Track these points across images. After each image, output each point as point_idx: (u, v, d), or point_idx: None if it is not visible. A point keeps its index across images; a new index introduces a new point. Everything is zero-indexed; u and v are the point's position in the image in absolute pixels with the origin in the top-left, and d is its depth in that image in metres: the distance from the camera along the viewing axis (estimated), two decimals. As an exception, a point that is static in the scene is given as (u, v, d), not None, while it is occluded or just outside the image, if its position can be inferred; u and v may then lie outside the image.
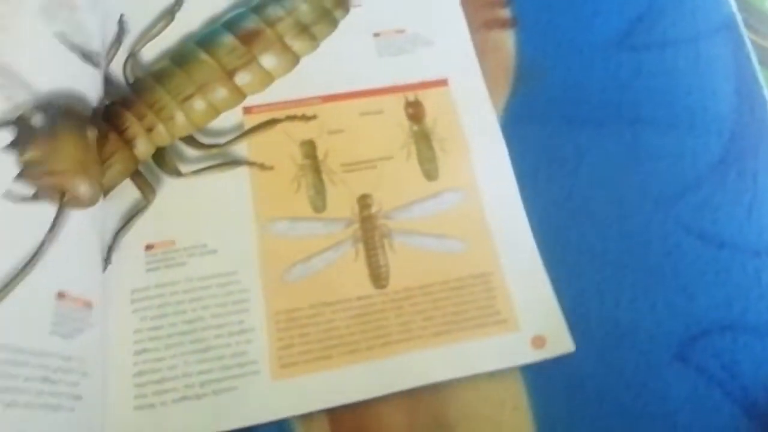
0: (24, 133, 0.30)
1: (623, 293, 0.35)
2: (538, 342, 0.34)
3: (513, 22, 0.43)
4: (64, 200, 0.30)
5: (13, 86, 0.31)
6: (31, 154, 0.30)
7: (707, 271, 0.36)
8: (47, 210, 0.30)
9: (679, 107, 0.40)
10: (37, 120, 0.30)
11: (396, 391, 0.33)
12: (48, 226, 0.30)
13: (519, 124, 0.40)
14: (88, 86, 0.36)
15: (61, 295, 0.30)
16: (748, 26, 0.56)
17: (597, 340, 0.34)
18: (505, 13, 0.44)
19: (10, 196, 0.29)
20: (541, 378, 0.34)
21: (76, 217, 0.32)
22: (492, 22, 0.43)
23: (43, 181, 0.30)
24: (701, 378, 0.33)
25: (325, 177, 0.38)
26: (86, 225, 0.33)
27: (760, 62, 0.42)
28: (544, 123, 0.40)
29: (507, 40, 0.43)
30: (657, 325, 0.35)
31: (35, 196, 0.30)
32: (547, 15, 0.43)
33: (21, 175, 0.30)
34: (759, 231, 0.37)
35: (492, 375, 0.34)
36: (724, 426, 0.32)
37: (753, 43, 0.45)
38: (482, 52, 0.42)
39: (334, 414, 0.33)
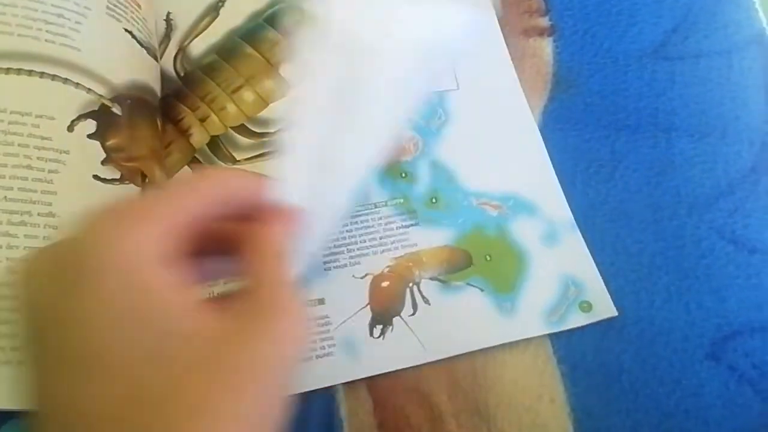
0: (106, 122, 0.33)
1: (658, 294, 0.37)
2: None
3: (551, 31, 0.45)
4: (145, 182, 0.32)
5: (92, 80, 0.32)
6: (114, 141, 0.33)
7: (739, 275, 0.37)
8: (131, 191, 0.32)
9: (712, 116, 0.41)
10: (116, 109, 0.32)
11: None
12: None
13: (556, 128, 0.41)
14: (154, 79, 0.38)
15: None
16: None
17: (632, 338, 0.35)
18: (544, 21, 0.45)
19: (99, 178, 0.31)
20: (577, 372, 0.35)
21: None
22: (531, 30, 0.45)
23: (126, 166, 0.32)
24: (732, 376, 0.35)
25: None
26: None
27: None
28: (581, 128, 0.41)
29: (545, 47, 0.44)
30: (690, 325, 0.36)
31: (121, 179, 0.32)
32: (584, 25, 0.45)
33: (107, 160, 0.32)
34: (790, 238, 0.38)
35: (530, 368, 0.35)
36: (754, 422, 0.34)
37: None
38: (521, 58, 0.44)
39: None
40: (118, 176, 0.32)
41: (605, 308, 0.36)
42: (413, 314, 0.36)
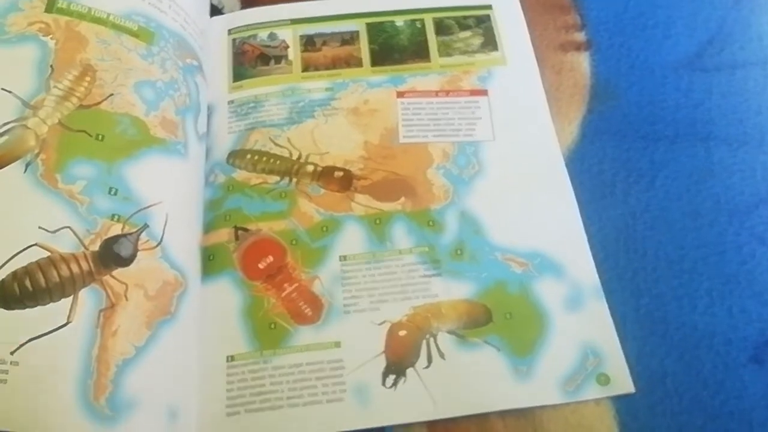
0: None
1: (700, 299, 0.37)
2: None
3: (588, 45, 0.46)
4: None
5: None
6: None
7: (781, 279, 0.38)
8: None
9: (750, 125, 0.42)
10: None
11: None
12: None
13: (596, 139, 0.43)
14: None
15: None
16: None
17: (676, 342, 0.36)
18: (581, 36, 0.46)
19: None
20: (622, 376, 0.36)
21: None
22: (568, 45, 0.46)
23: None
24: (776, 379, 0.35)
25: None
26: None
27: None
28: (620, 139, 0.42)
29: (582, 61, 0.46)
30: (732, 330, 0.36)
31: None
32: (620, 38, 0.46)
33: None
34: (830, 242, 0.39)
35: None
36: (798, 424, 0.34)
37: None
38: (559, 73, 0.45)
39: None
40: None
41: (623, 383, 0.35)
42: (427, 367, 0.36)
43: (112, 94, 0.37)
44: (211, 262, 0.39)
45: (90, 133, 0.36)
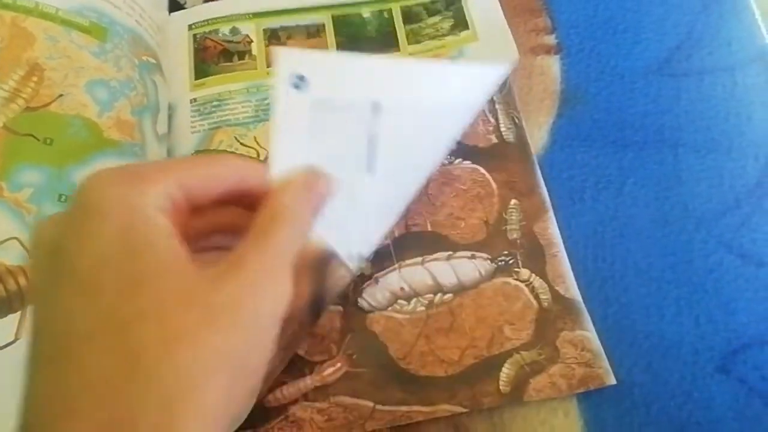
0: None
1: (667, 308, 0.37)
2: None
3: (558, 49, 0.45)
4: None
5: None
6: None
7: (747, 288, 0.37)
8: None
9: (717, 132, 0.42)
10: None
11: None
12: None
13: (565, 144, 0.42)
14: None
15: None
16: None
17: (643, 352, 0.36)
18: (551, 39, 0.46)
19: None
20: (590, 386, 0.35)
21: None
22: (538, 48, 0.46)
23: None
24: (742, 389, 0.35)
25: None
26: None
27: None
28: (589, 144, 0.42)
29: (552, 65, 0.45)
30: (700, 339, 0.36)
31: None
32: (590, 42, 0.45)
33: None
34: (796, 251, 0.39)
35: (544, 382, 0.35)
36: (765, 434, 0.34)
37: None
38: (529, 76, 0.45)
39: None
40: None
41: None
42: None
43: (61, 95, 0.35)
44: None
45: (38, 136, 0.34)
